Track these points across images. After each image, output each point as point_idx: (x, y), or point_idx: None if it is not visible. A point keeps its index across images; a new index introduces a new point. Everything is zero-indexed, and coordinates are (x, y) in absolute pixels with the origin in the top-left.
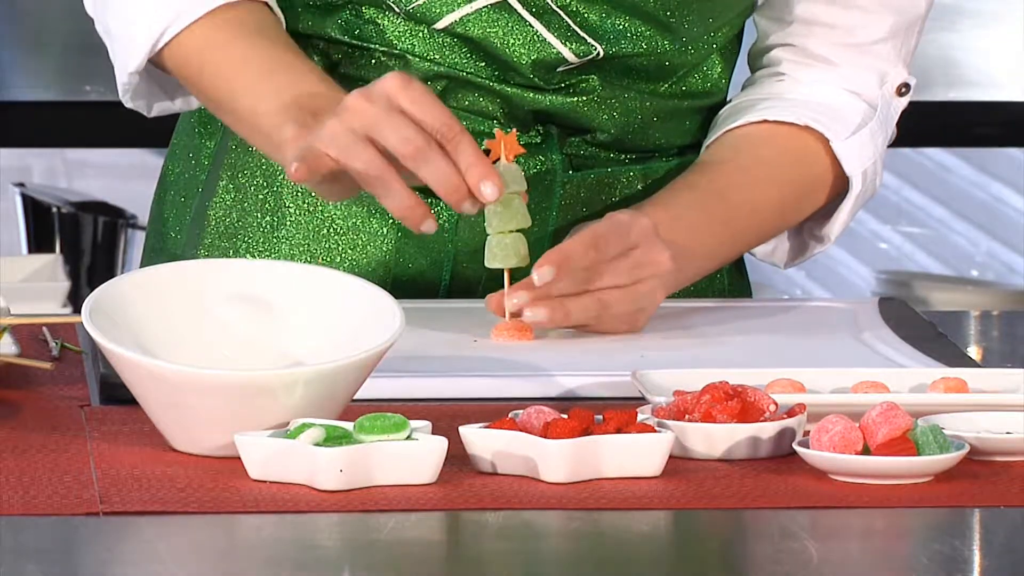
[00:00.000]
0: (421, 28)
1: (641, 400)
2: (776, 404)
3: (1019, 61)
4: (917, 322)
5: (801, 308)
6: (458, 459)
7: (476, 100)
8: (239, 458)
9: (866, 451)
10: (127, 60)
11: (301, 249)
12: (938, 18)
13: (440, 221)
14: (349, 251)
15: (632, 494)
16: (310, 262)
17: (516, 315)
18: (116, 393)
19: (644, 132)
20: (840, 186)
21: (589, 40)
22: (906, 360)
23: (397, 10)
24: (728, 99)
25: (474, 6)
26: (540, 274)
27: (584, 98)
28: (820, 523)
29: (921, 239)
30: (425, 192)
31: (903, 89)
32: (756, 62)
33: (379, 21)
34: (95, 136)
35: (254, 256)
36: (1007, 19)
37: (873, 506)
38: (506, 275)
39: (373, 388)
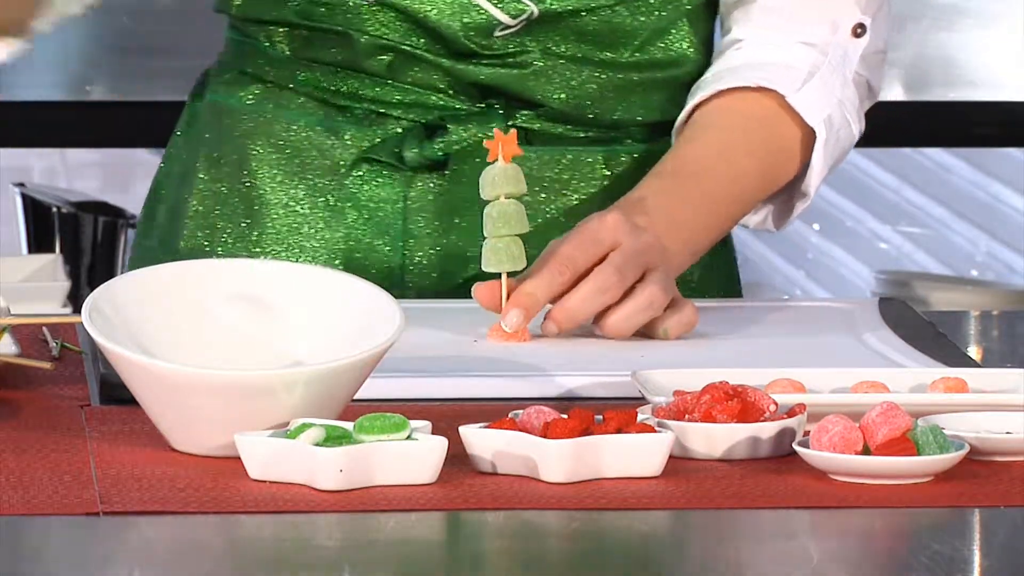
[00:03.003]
0: (358, 3)
1: (641, 400)
2: (776, 404)
3: (1019, 61)
4: (917, 322)
5: (801, 308)
6: (458, 459)
7: (421, 74)
8: (239, 458)
9: (866, 451)
10: None
11: (277, 239)
12: (938, 18)
13: (389, 195)
14: (313, 232)
15: (632, 494)
16: (288, 251)
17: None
18: (116, 393)
19: (600, 106)
20: (810, 138)
21: None
22: (906, 360)
23: None
24: (699, 73)
25: None
26: (507, 323)
27: (526, 70)
28: (820, 523)
29: (921, 239)
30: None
31: (859, 30)
32: (723, 29)
33: (330, 1)
34: (95, 136)
35: (229, 246)
36: (1007, 19)
37: (873, 506)
38: (503, 278)
39: (373, 388)
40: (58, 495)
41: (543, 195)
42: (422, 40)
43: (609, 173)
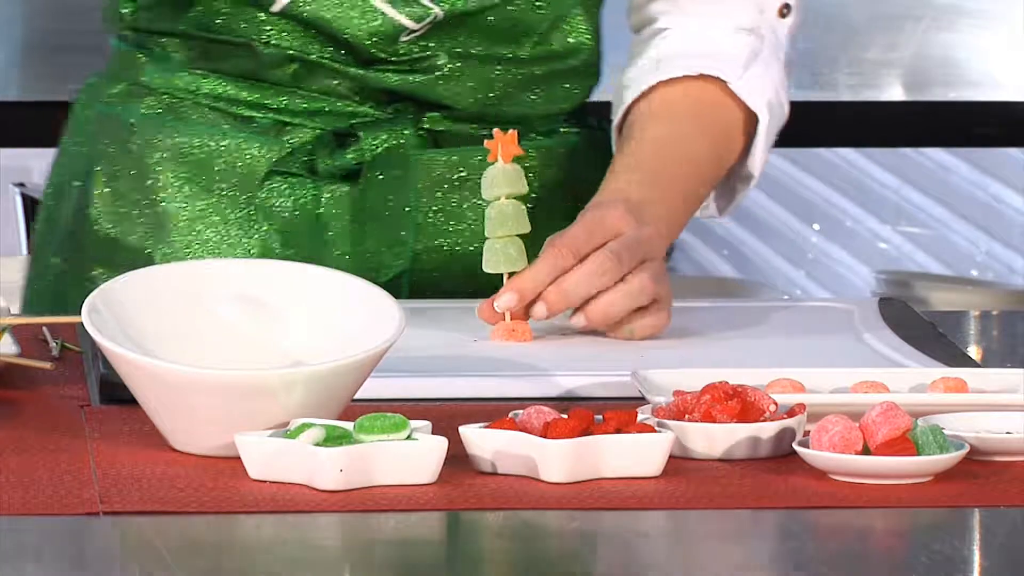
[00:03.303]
0: (261, 14)
1: (641, 400)
2: (776, 404)
3: (1019, 61)
4: (917, 322)
5: (801, 308)
6: (458, 459)
7: (328, 82)
8: (239, 458)
9: (866, 451)
10: None
11: (177, 248)
12: (938, 18)
13: (304, 204)
14: (220, 244)
15: (632, 494)
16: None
17: (516, 316)
18: (116, 393)
19: (509, 102)
20: (751, 122)
21: (423, 1)
22: (906, 360)
23: None
24: (599, 59)
25: None
26: (499, 302)
27: (434, 75)
28: (820, 523)
29: (921, 239)
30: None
31: (784, 10)
32: (636, 19)
33: (228, 12)
34: None
35: (135, 258)
36: (1007, 19)
37: (873, 506)
38: (505, 279)
39: (373, 388)
40: (58, 495)
41: (455, 196)
42: (328, 48)
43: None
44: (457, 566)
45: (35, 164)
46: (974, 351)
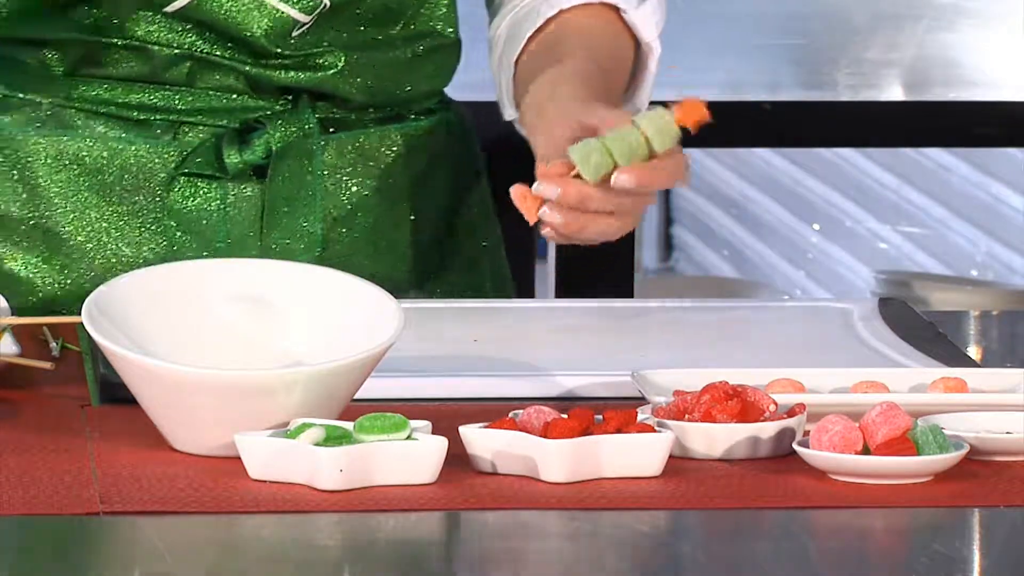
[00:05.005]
0: (155, 15)
1: (641, 400)
2: (776, 404)
3: (1019, 61)
4: (917, 322)
5: (801, 308)
6: (458, 459)
7: (222, 80)
8: (239, 458)
9: (866, 451)
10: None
11: (74, 258)
12: (938, 18)
13: (208, 205)
14: (122, 253)
15: (632, 494)
16: (106, 270)
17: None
18: (116, 393)
19: (393, 88)
20: (635, 55)
21: None
22: (906, 360)
23: None
24: (459, 39)
25: None
26: (542, 190)
27: (327, 72)
28: (820, 523)
29: (921, 239)
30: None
31: None
32: None
33: (113, 13)
34: None
35: (28, 272)
36: (1007, 19)
37: (873, 506)
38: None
39: (373, 388)
40: (58, 495)
41: (349, 173)
42: (224, 45)
43: (404, 148)
44: (457, 566)
45: None
46: (974, 351)
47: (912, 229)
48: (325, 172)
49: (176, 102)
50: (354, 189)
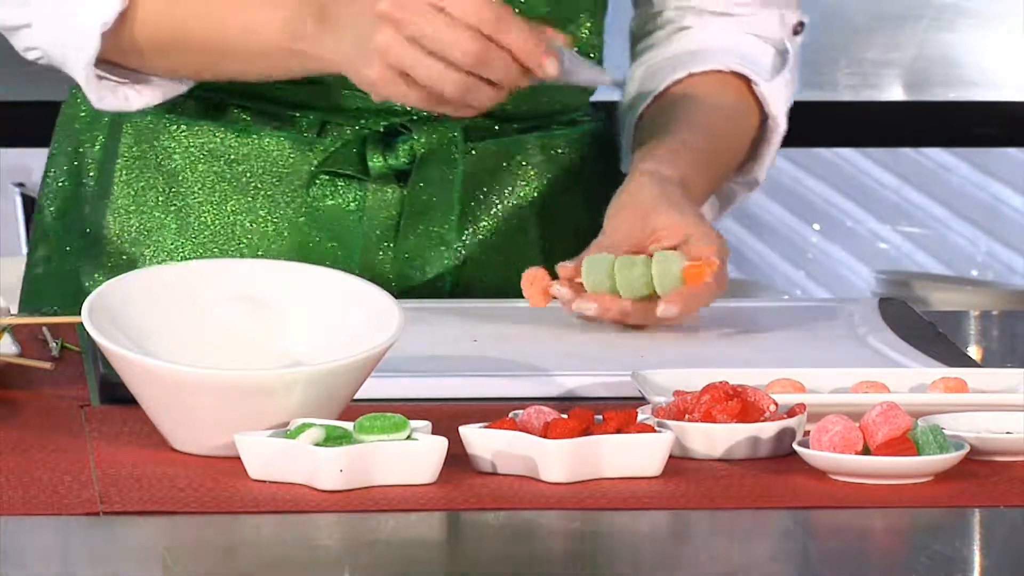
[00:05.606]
0: None
1: (641, 400)
2: (776, 404)
3: (1019, 61)
4: (917, 322)
5: (801, 308)
6: (458, 459)
7: None
8: (239, 458)
9: (866, 451)
10: (79, 53)
11: (208, 248)
12: (938, 18)
13: (347, 205)
14: (257, 247)
15: (632, 494)
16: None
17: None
18: (116, 393)
19: (540, 100)
20: (760, 127)
21: None
22: (906, 360)
23: None
24: (602, 58)
25: None
26: (579, 307)
27: None
28: (820, 523)
29: (921, 239)
30: (333, 173)
31: (798, 28)
32: (647, 26)
33: None
34: None
35: (160, 259)
36: (1007, 19)
37: (873, 506)
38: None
39: (373, 388)
40: (58, 495)
41: (488, 180)
42: None
43: (543, 157)
44: (457, 566)
45: (35, 164)
46: (974, 351)
47: (912, 229)
48: (465, 179)
49: (324, 101)
50: (492, 198)
